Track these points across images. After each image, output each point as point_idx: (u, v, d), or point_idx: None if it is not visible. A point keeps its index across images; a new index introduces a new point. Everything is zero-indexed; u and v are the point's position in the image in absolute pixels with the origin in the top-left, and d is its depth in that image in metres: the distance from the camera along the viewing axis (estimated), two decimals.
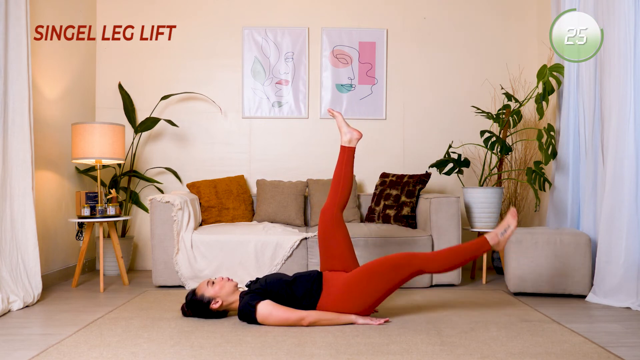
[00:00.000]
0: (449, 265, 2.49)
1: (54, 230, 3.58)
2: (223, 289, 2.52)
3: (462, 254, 2.52)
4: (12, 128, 2.92)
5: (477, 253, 2.52)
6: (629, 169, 2.88)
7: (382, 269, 2.45)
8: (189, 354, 2.03)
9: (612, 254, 2.93)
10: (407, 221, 3.68)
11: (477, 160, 4.28)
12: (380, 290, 2.44)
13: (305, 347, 2.10)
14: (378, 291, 2.44)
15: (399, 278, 2.44)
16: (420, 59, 4.39)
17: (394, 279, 2.44)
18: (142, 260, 4.30)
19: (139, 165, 4.29)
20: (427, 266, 2.47)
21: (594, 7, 3.24)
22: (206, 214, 3.80)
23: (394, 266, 2.45)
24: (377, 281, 2.43)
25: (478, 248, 2.52)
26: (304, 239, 3.44)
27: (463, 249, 2.54)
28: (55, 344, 2.16)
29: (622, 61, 2.90)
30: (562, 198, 3.64)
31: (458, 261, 2.51)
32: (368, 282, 2.43)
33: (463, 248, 2.54)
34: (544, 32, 4.02)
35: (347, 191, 2.70)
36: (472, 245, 2.53)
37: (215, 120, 4.34)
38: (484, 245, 2.52)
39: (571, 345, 2.15)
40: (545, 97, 3.57)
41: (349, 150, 2.72)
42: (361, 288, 2.44)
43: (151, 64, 4.33)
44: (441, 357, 2.00)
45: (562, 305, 2.92)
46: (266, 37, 4.32)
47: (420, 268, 2.46)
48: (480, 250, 2.52)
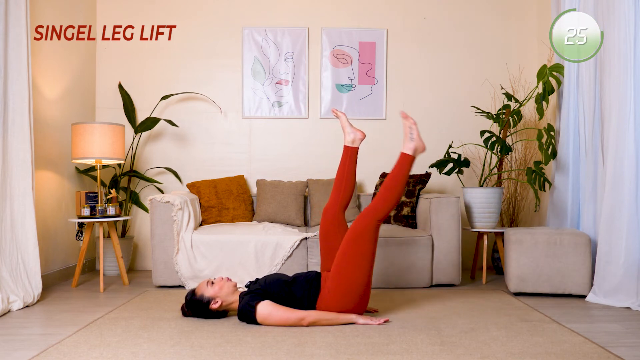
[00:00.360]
0: (393, 197, 2.46)
1: (54, 230, 3.58)
2: (222, 289, 2.52)
3: (395, 180, 2.48)
4: (12, 128, 2.92)
5: (405, 169, 2.49)
6: (629, 169, 2.88)
7: (349, 246, 2.43)
8: (189, 354, 2.03)
9: (612, 254, 2.93)
10: (407, 221, 3.68)
11: (477, 160, 4.28)
12: (362, 266, 2.42)
13: (305, 347, 2.10)
14: (361, 267, 2.41)
15: (368, 244, 2.42)
16: (420, 59, 4.39)
17: (364, 246, 2.42)
18: (142, 260, 4.30)
19: (139, 165, 4.29)
20: (378, 213, 2.44)
21: (594, 7, 3.24)
22: (206, 214, 3.80)
23: (356, 236, 2.43)
24: (353, 258, 2.41)
25: (403, 164, 2.50)
26: (304, 239, 3.44)
27: (393, 175, 2.50)
28: (55, 344, 2.16)
29: (622, 61, 2.90)
30: (562, 198, 3.64)
31: (398, 189, 2.47)
32: (347, 265, 2.41)
33: (392, 174, 2.50)
34: (544, 32, 4.02)
35: (349, 191, 2.71)
36: (397, 165, 2.50)
37: (215, 120, 4.34)
38: (405, 158, 2.50)
39: (571, 345, 2.15)
40: (545, 97, 3.57)
41: (352, 150, 2.73)
42: (345, 274, 2.42)
43: (151, 64, 4.33)
44: (441, 357, 2.00)
45: (562, 305, 2.92)
46: (266, 37, 4.32)
47: (375, 219, 2.44)
48: (406, 165, 2.49)
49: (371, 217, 2.45)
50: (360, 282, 2.43)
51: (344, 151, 2.73)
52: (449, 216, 3.45)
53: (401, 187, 2.49)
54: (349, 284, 2.42)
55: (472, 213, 3.67)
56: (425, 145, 2.55)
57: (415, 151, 2.51)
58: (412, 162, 2.52)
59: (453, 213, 3.45)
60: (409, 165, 2.51)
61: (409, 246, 3.39)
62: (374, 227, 2.44)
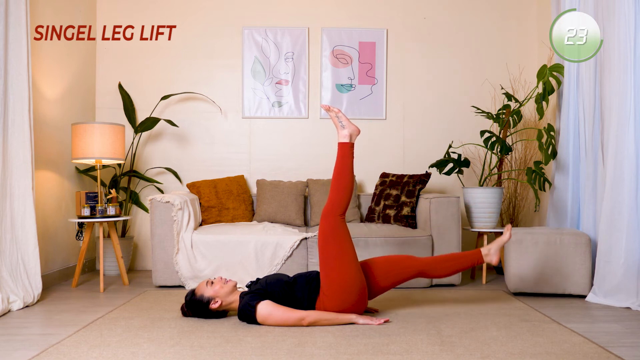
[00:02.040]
0: (345, 187, 2.51)
1: (54, 230, 3.58)
2: (222, 289, 2.52)
3: (340, 171, 2.53)
4: (12, 128, 2.92)
5: (347, 157, 2.54)
6: (629, 169, 2.88)
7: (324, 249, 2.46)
8: (189, 354, 2.03)
9: (612, 254, 2.93)
10: (407, 221, 3.68)
11: (477, 160, 4.28)
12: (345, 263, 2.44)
13: (305, 347, 2.10)
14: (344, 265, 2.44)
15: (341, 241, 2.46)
16: (420, 59, 4.39)
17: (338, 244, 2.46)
18: (142, 260, 4.30)
19: (139, 165, 4.29)
20: (336, 207, 2.49)
21: (594, 7, 3.24)
22: (206, 214, 3.80)
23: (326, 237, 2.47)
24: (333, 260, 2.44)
25: (344, 153, 2.54)
26: (304, 239, 3.44)
27: (337, 167, 2.54)
28: (55, 344, 2.16)
29: (622, 61, 2.90)
30: (562, 198, 3.64)
31: (346, 178, 2.52)
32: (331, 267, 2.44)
33: (336, 167, 2.55)
34: (544, 32, 4.02)
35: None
36: (338, 156, 2.55)
37: (215, 120, 4.34)
38: (343, 147, 2.54)
39: (571, 345, 2.15)
40: (545, 97, 3.57)
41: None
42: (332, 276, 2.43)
43: (151, 64, 4.33)
44: (441, 357, 2.00)
45: (562, 305, 2.92)
46: (266, 37, 4.32)
47: (336, 215, 2.48)
48: (346, 153, 2.54)
49: (332, 214, 2.49)
50: (351, 279, 2.43)
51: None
52: (449, 216, 3.45)
53: (349, 176, 2.53)
54: (339, 284, 2.42)
55: (472, 213, 3.67)
56: (358, 128, 2.62)
57: (350, 137, 2.57)
58: (352, 148, 2.58)
59: (453, 213, 3.45)
60: (350, 152, 2.57)
61: (409, 246, 3.39)
62: (339, 223, 2.48)
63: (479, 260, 2.65)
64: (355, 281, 2.44)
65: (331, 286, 2.43)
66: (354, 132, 2.59)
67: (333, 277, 2.43)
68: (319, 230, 2.53)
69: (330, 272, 2.44)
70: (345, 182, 2.53)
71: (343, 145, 2.56)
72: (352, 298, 2.45)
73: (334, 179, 2.54)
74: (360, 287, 2.46)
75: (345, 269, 2.43)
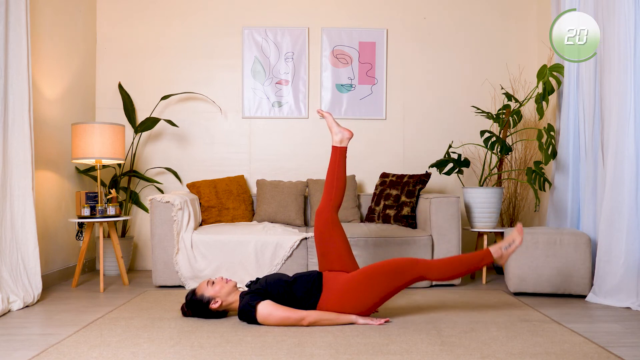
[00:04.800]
0: (450, 274, 2.52)
1: (54, 230, 3.58)
2: (223, 288, 2.52)
3: (464, 264, 2.53)
4: (12, 128, 2.92)
5: (479, 265, 2.53)
6: (629, 169, 2.88)
7: (384, 272, 2.45)
8: (189, 354, 2.03)
9: (612, 254, 2.93)
10: (407, 221, 3.67)
11: (477, 160, 4.28)
12: (381, 293, 2.45)
13: (305, 347, 2.10)
14: (379, 293, 2.44)
15: (400, 282, 2.46)
16: (420, 59, 4.39)
17: (395, 282, 2.45)
18: (142, 260, 4.30)
19: (139, 165, 4.29)
20: (429, 273, 2.48)
21: (594, 7, 3.24)
22: (206, 214, 3.80)
23: (397, 270, 2.46)
24: (378, 283, 2.43)
25: (480, 260, 2.53)
26: (304, 239, 3.44)
27: (466, 260, 2.55)
28: (55, 344, 2.16)
29: (622, 61, 2.90)
30: (562, 198, 3.64)
31: (459, 271, 2.53)
32: (369, 284, 2.44)
33: (465, 258, 2.56)
34: (544, 32, 4.02)
35: (341, 192, 2.71)
36: (475, 256, 2.54)
37: (215, 120, 4.34)
38: (486, 257, 2.52)
39: (571, 345, 2.15)
40: (545, 97, 3.57)
41: (341, 150, 2.74)
42: (362, 289, 2.44)
43: (151, 64, 4.33)
44: (441, 357, 2.00)
45: (562, 305, 2.92)
46: (266, 37, 4.32)
47: (421, 274, 2.47)
48: (482, 262, 2.53)
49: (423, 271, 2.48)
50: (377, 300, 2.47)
51: (333, 152, 2.75)
52: (449, 216, 3.45)
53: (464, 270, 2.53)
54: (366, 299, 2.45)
55: (472, 213, 3.67)
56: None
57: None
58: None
59: (453, 213, 3.45)
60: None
61: (409, 246, 3.39)
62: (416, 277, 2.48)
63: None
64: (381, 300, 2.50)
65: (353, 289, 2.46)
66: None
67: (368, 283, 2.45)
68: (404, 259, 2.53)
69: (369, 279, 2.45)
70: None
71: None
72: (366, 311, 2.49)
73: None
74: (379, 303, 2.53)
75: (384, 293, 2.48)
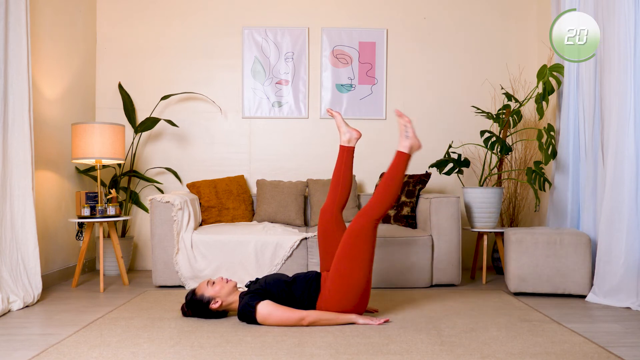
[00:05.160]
0: (391, 196, 2.48)
1: (54, 230, 3.58)
2: (223, 289, 2.52)
3: (391, 177, 2.50)
4: (12, 128, 2.92)
5: (403, 166, 2.51)
6: (629, 169, 2.88)
7: (347, 247, 2.43)
8: (189, 354, 2.03)
9: (612, 254, 2.93)
10: (407, 221, 3.67)
11: (477, 160, 4.28)
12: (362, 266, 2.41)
13: (305, 347, 2.10)
14: (360, 267, 2.41)
15: (366, 244, 2.43)
16: (420, 59, 4.39)
17: (363, 246, 2.42)
18: (142, 260, 4.30)
19: (139, 165, 4.29)
20: (375, 212, 2.45)
21: (594, 7, 3.24)
22: (206, 214, 3.80)
23: (357, 236, 2.43)
24: (352, 259, 2.41)
25: (398, 162, 2.51)
26: (304, 239, 3.44)
27: (389, 174, 2.51)
28: (55, 344, 2.16)
29: (622, 61, 2.90)
30: (562, 198, 3.64)
31: (395, 187, 2.49)
32: (346, 266, 2.41)
33: (389, 173, 2.52)
34: (544, 32, 4.02)
35: (346, 191, 2.71)
36: (394, 163, 2.52)
37: (215, 120, 4.34)
38: (400, 156, 2.52)
39: (571, 345, 2.15)
40: (545, 97, 3.57)
41: (349, 149, 2.73)
42: (345, 275, 2.42)
43: (151, 64, 4.33)
44: (441, 357, 2.00)
45: (562, 305, 2.92)
46: (266, 37, 4.32)
47: (372, 219, 2.44)
48: (401, 162, 2.51)
49: (369, 216, 2.45)
50: (360, 282, 2.43)
51: (340, 151, 2.74)
52: (449, 216, 3.45)
53: (398, 186, 2.50)
54: (348, 284, 2.42)
55: (472, 213, 3.67)
56: (420, 143, 2.57)
57: (411, 149, 2.53)
58: (408, 160, 2.54)
59: (453, 213, 3.45)
60: (405, 163, 2.53)
61: (409, 246, 3.39)
62: (372, 227, 2.44)
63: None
64: (365, 285, 2.45)
65: (339, 285, 2.42)
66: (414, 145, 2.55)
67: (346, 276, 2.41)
68: (350, 227, 2.47)
69: (345, 272, 2.42)
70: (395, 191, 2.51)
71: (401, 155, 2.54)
72: (357, 300, 2.46)
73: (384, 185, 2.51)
74: (367, 290, 2.48)
75: (362, 270, 2.43)
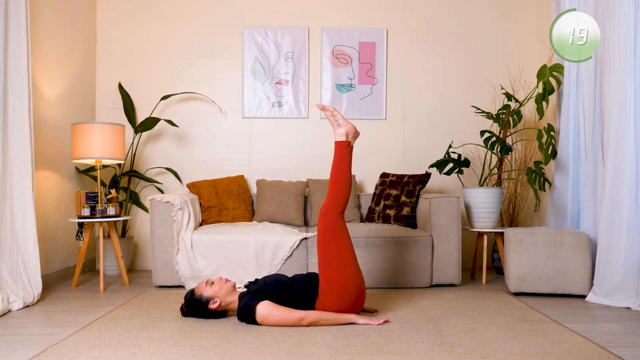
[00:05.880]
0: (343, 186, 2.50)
1: (54, 230, 3.58)
2: (222, 289, 2.52)
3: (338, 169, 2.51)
4: (12, 128, 2.92)
5: (345, 152, 2.52)
6: (629, 169, 2.88)
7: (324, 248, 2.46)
8: (189, 354, 2.03)
9: (612, 254, 2.93)
10: (407, 221, 3.67)
11: (477, 160, 4.28)
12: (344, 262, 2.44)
13: (305, 347, 2.10)
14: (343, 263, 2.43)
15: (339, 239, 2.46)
16: (420, 59, 4.39)
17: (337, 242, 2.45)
18: (142, 260, 4.30)
19: (139, 165, 4.29)
20: (335, 206, 2.48)
21: (594, 7, 3.24)
22: (206, 214, 3.80)
23: (326, 236, 2.46)
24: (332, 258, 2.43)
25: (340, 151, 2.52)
26: (304, 239, 3.44)
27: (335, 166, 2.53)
28: (55, 344, 2.16)
29: (622, 61, 2.90)
30: (562, 198, 3.64)
31: (344, 177, 2.51)
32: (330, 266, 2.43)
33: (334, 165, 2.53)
34: (544, 32, 4.02)
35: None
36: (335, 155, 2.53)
37: (215, 120, 4.34)
38: (340, 146, 2.53)
39: (571, 345, 2.15)
40: (545, 97, 3.57)
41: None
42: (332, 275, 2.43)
43: (151, 64, 4.33)
44: (441, 357, 2.00)
45: (562, 305, 2.92)
46: (266, 37, 4.32)
47: (335, 213, 2.47)
48: (343, 151, 2.52)
49: (332, 212, 2.48)
50: (348, 278, 2.43)
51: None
52: (449, 216, 3.45)
53: (347, 175, 2.52)
54: (338, 283, 2.42)
55: (472, 213, 3.67)
56: (354, 126, 2.58)
57: (347, 135, 2.55)
58: (349, 147, 2.55)
59: (453, 213, 3.45)
60: (346, 151, 2.54)
61: (409, 246, 3.39)
62: (339, 221, 2.48)
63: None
64: (355, 281, 2.44)
65: (330, 286, 2.43)
66: (350, 130, 2.56)
67: (332, 277, 2.43)
68: (317, 229, 2.52)
69: (330, 272, 2.44)
70: (343, 181, 2.51)
71: (340, 144, 2.55)
72: (351, 298, 2.45)
73: (332, 178, 2.54)
74: (359, 286, 2.46)
75: (345, 269, 2.43)
